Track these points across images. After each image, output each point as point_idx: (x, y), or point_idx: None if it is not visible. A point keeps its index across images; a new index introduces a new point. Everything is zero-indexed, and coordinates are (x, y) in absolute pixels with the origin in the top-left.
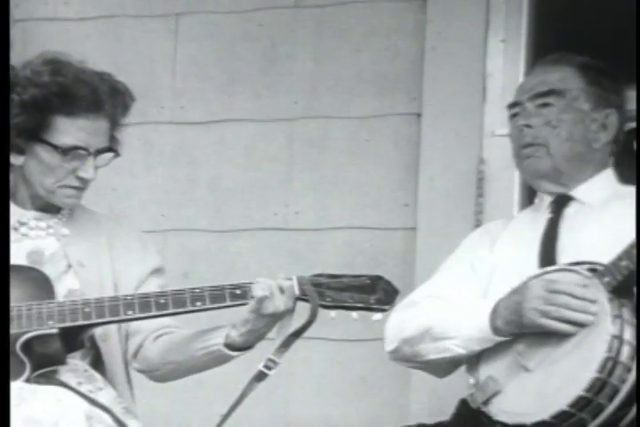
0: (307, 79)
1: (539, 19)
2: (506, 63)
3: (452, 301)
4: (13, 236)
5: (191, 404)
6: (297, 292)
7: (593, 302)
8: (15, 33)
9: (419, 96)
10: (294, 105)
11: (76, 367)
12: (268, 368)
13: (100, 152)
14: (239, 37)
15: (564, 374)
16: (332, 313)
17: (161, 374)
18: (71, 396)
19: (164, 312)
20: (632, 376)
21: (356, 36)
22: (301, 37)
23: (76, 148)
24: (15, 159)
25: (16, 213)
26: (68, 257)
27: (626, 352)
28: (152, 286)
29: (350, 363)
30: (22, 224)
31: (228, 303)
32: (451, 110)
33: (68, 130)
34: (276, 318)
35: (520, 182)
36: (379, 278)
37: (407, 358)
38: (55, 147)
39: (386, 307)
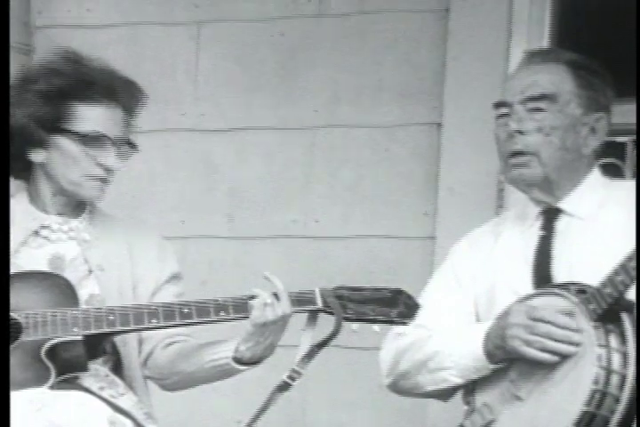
0: (328, 88)
1: (561, 29)
2: None
3: (443, 330)
4: (35, 241)
5: (208, 410)
6: (320, 304)
7: (576, 331)
8: (37, 40)
9: (439, 106)
10: (315, 114)
11: (97, 373)
12: (292, 379)
13: (119, 142)
14: (261, 46)
15: (554, 406)
16: (354, 326)
17: (169, 382)
18: (94, 401)
19: (188, 321)
20: (622, 406)
21: (378, 46)
22: (323, 46)
23: (96, 133)
24: (36, 155)
25: (38, 217)
26: (88, 262)
27: (614, 382)
28: (167, 294)
29: (367, 371)
30: (44, 227)
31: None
32: (471, 120)
33: (88, 117)
34: (278, 326)
35: None
36: (399, 292)
37: (406, 390)
38: (77, 134)
39: (407, 321)
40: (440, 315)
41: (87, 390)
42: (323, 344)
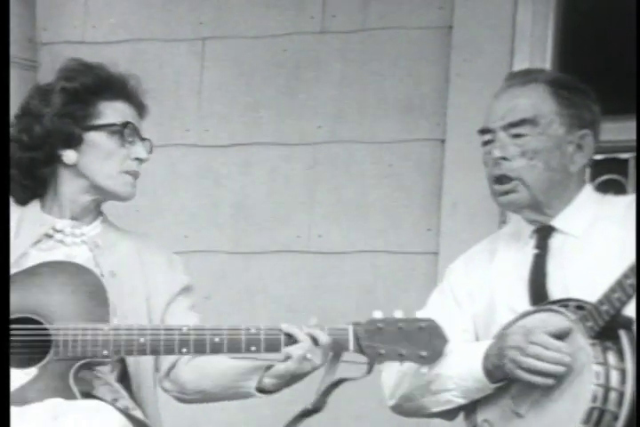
0: (331, 104)
1: (564, 46)
2: None
3: None
4: (45, 244)
5: (215, 423)
6: (352, 348)
7: (568, 354)
8: (43, 56)
9: (443, 122)
10: (318, 129)
11: (107, 381)
12: (316, 409)
13: (143, 137)
14: (264, 62)
15: (554, 423)
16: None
17: (189, 398)
18: (110, 408)
19: (219, 354)
20: (620, 423)
21: (381, 62)
22: (326, 63)
23: (127, 122)
24: (68, 156)
25: (47, 222)
26: (100, 267)
27: (613, 399)
28: (181, 306)
29: (373, 387)
30: (57, 231)
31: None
32: (474, 136)
33: (115, 112)
34: (308, 373)
35: None
36: (432, 327)
37: (410, 412)
38: (112, 126)
39: (431, 364)
40: None
41: (101, 400)
42: (350, 379)
